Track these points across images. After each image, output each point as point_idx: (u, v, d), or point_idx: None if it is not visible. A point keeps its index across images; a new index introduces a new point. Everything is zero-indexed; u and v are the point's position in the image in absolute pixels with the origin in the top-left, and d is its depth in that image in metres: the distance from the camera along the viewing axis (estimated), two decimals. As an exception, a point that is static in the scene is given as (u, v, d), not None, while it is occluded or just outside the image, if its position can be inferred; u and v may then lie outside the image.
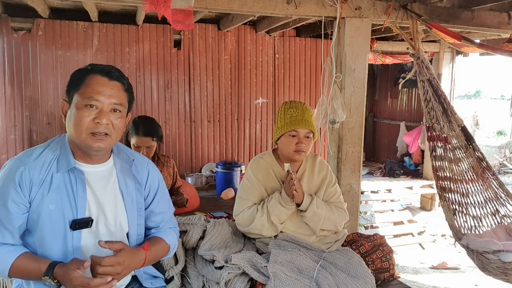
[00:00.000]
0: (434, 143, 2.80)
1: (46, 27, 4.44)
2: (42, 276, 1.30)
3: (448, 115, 2.75)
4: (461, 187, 2.73)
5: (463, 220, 2.68)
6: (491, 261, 2.42)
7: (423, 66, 2.85)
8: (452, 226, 2.69)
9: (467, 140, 2.74)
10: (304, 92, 5.66)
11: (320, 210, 2.05)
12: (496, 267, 2.42)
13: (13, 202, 1.33)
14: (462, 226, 2.67)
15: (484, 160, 2.73)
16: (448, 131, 2.75)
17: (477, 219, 2.67)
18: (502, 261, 2.36)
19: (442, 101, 2.77)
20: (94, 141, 1.37)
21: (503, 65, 76.81)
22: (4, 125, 4.41)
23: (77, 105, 1.37)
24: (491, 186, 2.69)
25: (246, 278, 1.80)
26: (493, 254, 2.40)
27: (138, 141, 2.78)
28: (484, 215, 2.68)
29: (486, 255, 2.43)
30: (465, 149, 2.73)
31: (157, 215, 1.62)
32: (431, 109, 2.81)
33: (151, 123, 2.89)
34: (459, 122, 2.76)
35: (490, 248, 2.42)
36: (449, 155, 2.75)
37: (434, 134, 2.79)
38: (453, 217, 2.69)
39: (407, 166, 6.69)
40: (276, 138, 2.13)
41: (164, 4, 2.29)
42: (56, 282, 1.29)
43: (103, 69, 1.41)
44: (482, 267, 2.52)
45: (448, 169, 2.74)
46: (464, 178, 2.73)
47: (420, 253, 5.58)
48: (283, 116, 2.09)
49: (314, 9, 2.88)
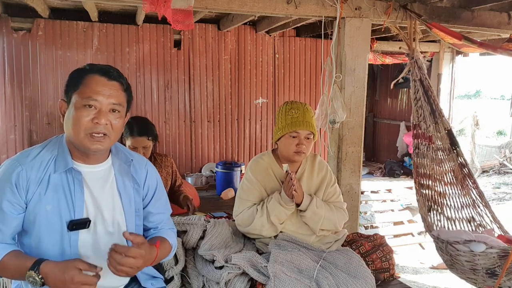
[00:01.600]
0: (418, 141, 2.81)
1: (46, 27, 4.44)
2: (26, 271, 1.25)
3: (436, 117, 2.77)
4: (439, 186, 2.72)
5: (437, 218, 2.65)
6: (461, 254, 2.31)
7: (415, 66, 2.87)
8: (425, 219, 2.66)
9: (452, 144, 2.75)
10: (304, 92, 5.66)
11: (319, 210, 2.05)
12: (466, 261, 2.31)
13: (9, 202, 1.32)
14: (435, 223, 2.64)
15: (466, 167, 2.73)
16: (434, 132, 2.76)
17: (451, 221, 2.64)
18: (472, 254, 2.25)
19: (432, 102, 2.79)
20: (92, 143, 1.36)
21: (503, 65, 76.86)
22: (4, 125, 4.41)
23: (75, 105, 1.36)
24: (470, 194, 2.67)
25: (246, 278, 1.80)
26: (464, 245, 2.31)
27: (134, 142, 2.74)
28: (459, 219, 2.64)
29: (456, 246, 2.33)
30: (448, 152, 2.74)
31: (155, 216, 1.62)
32: (419, 108, 2.83)
33: (144, 122, 2.84)
34: (446, 125, 2.77)
35: (461, 238, 2.35)
36: (431, 154, 2.75)
37: (419, 131, 2.81)
38: (427, 212, 2.67)
39: (407, 166, 6.69)
40: (276, 138, 2.12)
41: (164, 4, 2.29)
42: (40, 278, 1.24)
43: (101, 69, 1.40)
44: (451, 263, 2.43)
45: (428, 167, 2.74)
46: (443, 179, 2.72)
47: (420, 253, 5.58)
48: (284, 117, 2.08)
49: (314, 9, 2.88)
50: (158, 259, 1.51)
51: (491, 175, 9.77)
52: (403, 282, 2.25)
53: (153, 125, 2.90)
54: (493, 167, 10.10)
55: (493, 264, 2.21)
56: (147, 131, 2.79)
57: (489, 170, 10.00)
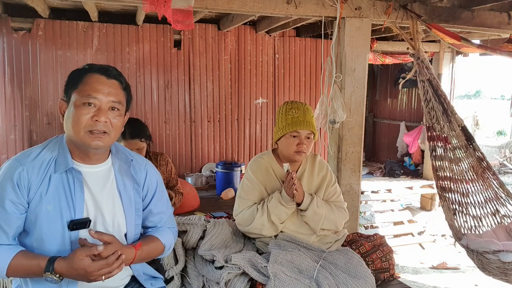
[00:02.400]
0: (434, 143, 2.80)
1: (46, 27, 4.44)
2: (43, 273, 1.29)
3: (448, 115, 2.75)
4: (461, 187, 2.73)
5: (463, 220, 2.68)
6: (491, 261, 2.41)
7: (423, 66, 2.85)
8: (452, 226, 2.69)
9: (467, 140, 2.73)
10: (304, 92, 5.66)
11: (320, 210, 2.05)
12: (496, 267, 2.41)
13: (11, 202, 1.33)
14: (462, 226, 2.67)
15: (484, 160, 2.73)
16: (448, 131, 2.75)
17: (477, 219, 2.67)
18: (502, 261, 2.35)
19: (442, 101, 2.77)
20: (92, 139, 1.37)
21: (503, 65, 76.81)
22: (4, 125, 4.41)
23: (75, 103, 1.37)
24: (491, 186, 2.69)
25: (246, 278, 1.80)
26: (493, 254, 2.40)
27: (127, 145, 2.69)
28: (484, 215, 2.67)
29: (485, 255, 2.42)
30: (465, 149, 2.73)
31: (155, 216, 1.62)
32: (431, 109, 2.81)
33: (136, 124, 2.82)
34: (459, 122, 2.76)
35: (490, 248, 2.42)
36: (449, 155, 2.75)
37: (434, 134, 2.80)
38: (453, 217, 2.69)
39: (407, 166, 6.69)
40: (276, 138, 2.13)
41: (164, 4, 2.29)
42: (58, 276, 1.29)
43: (100, 68, 1.42)
44: (482, 267, 2.52)
45: (448, 169, 2.74)
46: (464, 178, 2.73)
47: (420, 253, 5.59)
48: (284, 116, 2.09)
49: (314, 9, 2.88)
50: (143, 259, 1.53)
51: (491, 175, 9.76)
52: (403, 282, 2.25)
53: (146, 126, 2.88)
54: (493, 167, 10.10)
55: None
56: (140, 133, 2.77)
57: (489, 170, 9.99)
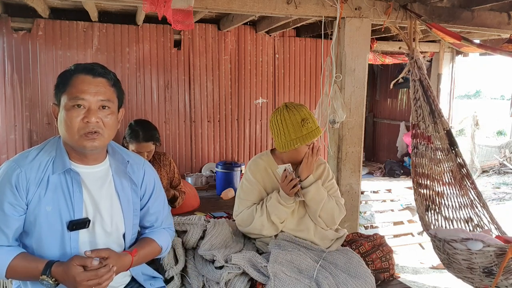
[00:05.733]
0: (417, 140, 2.82)
1: (46, 27, 4.44)
2: (39, 275, 1.29)
3: (435, 117, 2.78)
4: (437, 186, 2.72)
5: (435, 218, 2.65)
6: (458, 252, 2.28)
7: (415, 66, 2.87)
8: (423, 219, 2.67)
9: (450, 144, 2.75)
10: (304, 92, 5.66)
11: (323, 191, 2.06)
12: (463, 260, 2.28)
13: (10, 204, 1.33)
14: (433, 223, 2.64)
15: (465, 167, 2.74)
16: (433, 132, 2.77)
17: (448, 220, 2.63)
18: (469, 252, 2.24)
19: (431, 102, 2.80)
20: (87, 141, 1.37)
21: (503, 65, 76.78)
22: (4, 125, 4.41)
23: (65, 106, 1.36)
24: (468, 194, 2.67)
25: (246, 278, 1.80)
26: (461, 243, 2.29)
27: (139, 147, 2.75)
28: (456, 219, 2.64)
29: (453, 244, 2.31)
30: (446, 152, 2.75)
31: (152, 215, 1.62)
32: (418, 108, 2.84)
33: (149, 127, 2.85)
34: (445, 126, 2.78)
35: (458, 236, 2.34)
36: (430, 153, 2.76)
37: (418, 131, 2.82)
38: (425, 212, 2.67)
39: (407, 166, 6.69)
40: (289, 148, 2.03)
41: (164, 4, 2.29)
42: (54, 280, 1.29)
43: (85, 68, 1.40)
44: (448, 262, 2.42)
45: (427, 166, 2.75)
46: (441, 179, 2.72)
47: (420, 253, 5.58)
48: (299, 128, 1.99)
49: (314, 9, 2.88)
50: (140, 262, 1.54)
51: (491, 175, 9.77)
52: (403, 282, 2.25)
53: (156, 129, 2.91)
54: (493, 167, 10.09)
55: (490, 263, 2.21)
56: (152, 136, 2.81)
57: (489, 170, 10.00)
